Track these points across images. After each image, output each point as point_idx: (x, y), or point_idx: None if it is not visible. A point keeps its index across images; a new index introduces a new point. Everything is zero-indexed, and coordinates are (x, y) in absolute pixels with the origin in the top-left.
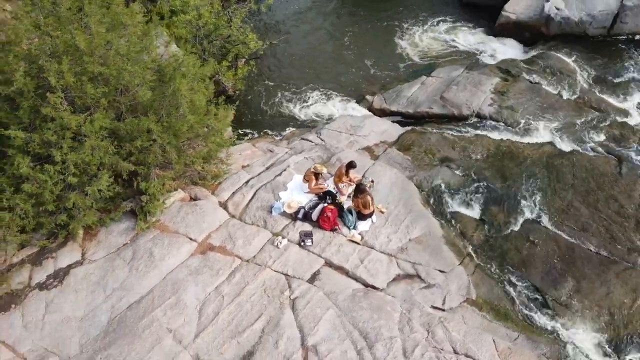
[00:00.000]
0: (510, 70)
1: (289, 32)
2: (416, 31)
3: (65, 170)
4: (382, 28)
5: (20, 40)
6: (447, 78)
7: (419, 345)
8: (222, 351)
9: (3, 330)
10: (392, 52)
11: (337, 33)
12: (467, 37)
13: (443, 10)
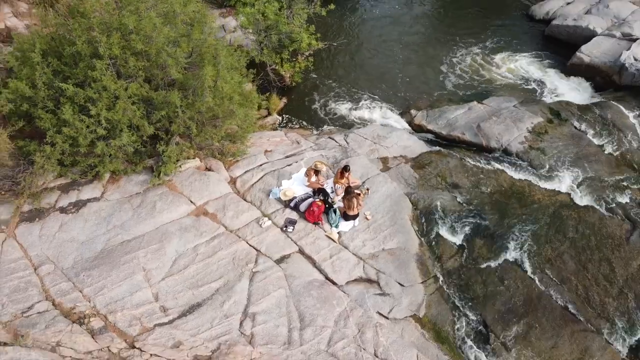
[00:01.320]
0: (560, 113)
1: (357, 36)
2: (488, 55)
3: (98, 123)
4: (454, 46)
5: (89, 13)
6: (496, 108)
7: (345, 339)
8: (177, 297)
9: (24, 235)
10: (455, 71)
11: (406, 43)
12: (536, 70)
13: (522, 39)
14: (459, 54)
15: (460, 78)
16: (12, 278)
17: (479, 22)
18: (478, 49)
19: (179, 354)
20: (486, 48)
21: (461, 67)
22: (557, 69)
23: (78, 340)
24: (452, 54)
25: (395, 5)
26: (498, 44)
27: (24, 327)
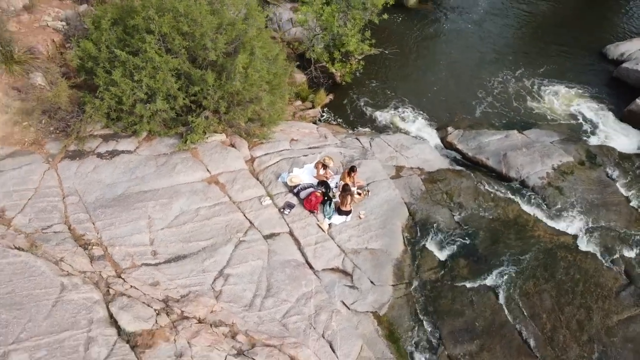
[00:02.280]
0: (596, 156)
1: (417, 47)
2: (546, 86)
3: (140, 87)
4: (513, 71)
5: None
6: (533, 140)
7: (300, 315)
8: (169, 246)
9: (63, 169)
10: (506, 97)
11: (464, 61)
12: (591, 110)
13: (587, 77)
14: (516, 80)
15: (509, 105)
16: (43, 200)
17: (546, 52)
18: (537, 78)
19: (153, 291)
20: (546, 78)
21: (514, 94)
22: (614, 113)
23: (78, 261)
24: (509, 79)
25: (468, 23)
26: (559, 77)
27: (39, 240)
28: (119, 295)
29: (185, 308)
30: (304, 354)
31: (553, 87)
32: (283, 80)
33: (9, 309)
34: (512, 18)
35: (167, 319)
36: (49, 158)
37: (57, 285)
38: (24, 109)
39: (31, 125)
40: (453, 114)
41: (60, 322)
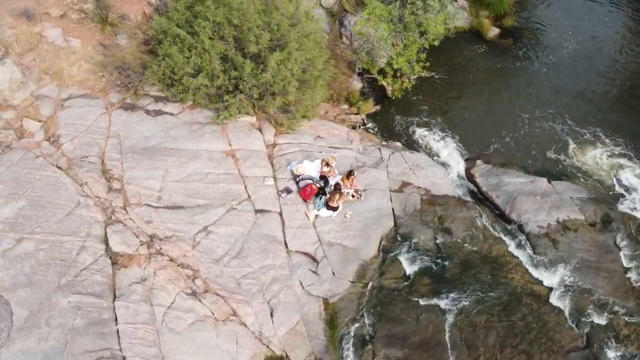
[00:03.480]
0: (611, 222)
1: (480, 76)
2: (604, 148)
3: (188, 63)
4: (575, 122)
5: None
6: (557, 192)
7: (255, 280)
8: (172, 196)
9: (115, 116)
10: (552, 144)
11: (522, 99)
12: (637, 178)
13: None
14: (569, 131)
15: (551, 152)
16: (90, 136)
17: (626, 113)
18: (593, 134)
19: (145, 226)
20: (603, 136)
21: (560, 144)
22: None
23: (97, 188)
24: (562, 128)
25: (543, 66)
26: (624, 142)
27: (75, 165)
28: (117, 222)
29: (164, 246)
30: (244, 311)
31: (610, 149)
32: (317, 82)
33: (34, 207)
34: (597, 70)
35: (147, 250)
36: (108, 105)
37: (75, 201)
38: (103, 62)
39: (104, 76)
40: (489, 148)
41: (67, 228)
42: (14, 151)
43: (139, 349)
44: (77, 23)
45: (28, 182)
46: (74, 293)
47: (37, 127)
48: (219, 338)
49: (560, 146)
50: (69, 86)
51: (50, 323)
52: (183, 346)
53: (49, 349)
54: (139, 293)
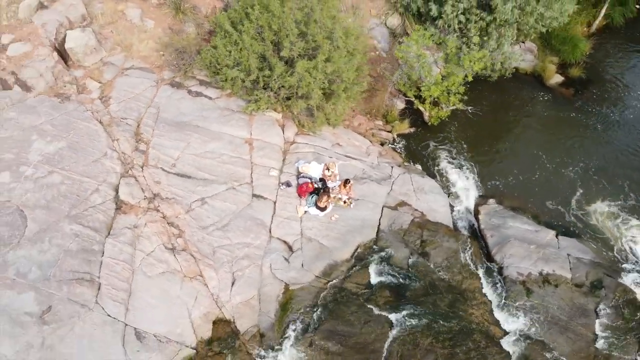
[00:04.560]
0: (601, 289)
1: (529, 118)
2: (632, 215)
3: (229, 56)
4: (616, 185)
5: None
6: (559, 247)
7: (229, 252)
8: (185, 166)
9: (161, 90)
10: (577, 203)
11: (562, 151)
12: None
13: None
14: (605, 196)
15: (578, 210)
16: (135, 103)
17: None
18: (629, 206)
19: (153, 186)
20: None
21: (589, 205)
22: None
23: (126, 145)
24: (598, 190)
25: (599, 122)
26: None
27: (114, 123)
28: (131, 176)
29: (162, 205)
30: (209, 275)
31: (636, 220)
32: (342, 93)
33: (70, 150)
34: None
35: (147, 204)
36: (159, 80)
37: (103, 152)
38: (167, 43)
39: (163, 55)
40: (507, 190)
41: (90, 171)
42: (70, 102)
43: (113, 281)
44: (156, 7)
45: (73, 128)
46: (78, 223)
47: (96, 87)
48: (182, 291)
49: (585, 205)
50: (133, 59)
51: (52, 242)
52: (150, 289)
53: (45, 261)
54: (128, 237)
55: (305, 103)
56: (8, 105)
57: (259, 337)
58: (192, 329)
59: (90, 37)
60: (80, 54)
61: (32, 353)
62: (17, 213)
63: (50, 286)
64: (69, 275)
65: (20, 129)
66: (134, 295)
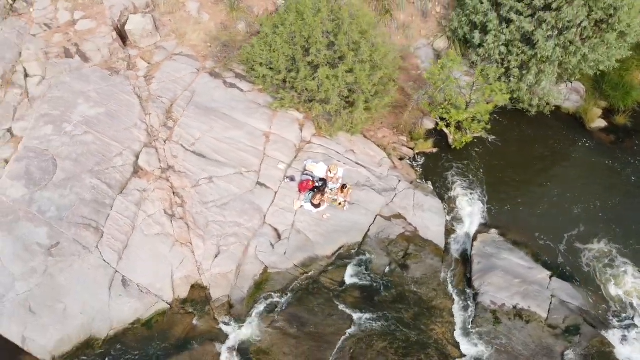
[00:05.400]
0: (577, 335)
1: (561, 160)
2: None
3: (261, 56)
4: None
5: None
6: (548, 287)
7: (220, 227)
8: (203, 146)
9: (199, 77)
10: (592, 253)
11: (584, 196)
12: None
13: None
14: (617, 250)
15: (583, 259)
16: (174, 85)
17: None
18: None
19: (170, 159)
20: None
21: (596, 256)
22: None
23: (155, 120)
24: (610, 243)
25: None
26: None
27: (150, 100)
28: (153, 147)
29: (172, 176)
30: (197, 243)
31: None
32: (361, 104)
33: (107, 116)
34: None
35: (159, 174)
36: (201, 68)
37: (134, 123)
38: (216, 36)
39: (210, 47)
40: (513, 223)
41: (119, 137)
42: (118, 76)
43: (114, 232)
44: (213, 3)
45: (114, 98)
46: (97, 178)
47: (144, 66)
48: (171, 253)
49: (593, 255)
50: (184, 46)
51: (72, 189)
52: (144, 246)
53: (63, 204)
54: (136, 197)
55: (323, 107)
56: (66, 70)
57: (228, 307)
58: (172, 288)
59: (148, 22)
60: (137, 36)
61: (35, 277)
62: (51, 161)
63: (62, 226)
64: (79, 220)
65: (70, 92)
66: (129, 248)
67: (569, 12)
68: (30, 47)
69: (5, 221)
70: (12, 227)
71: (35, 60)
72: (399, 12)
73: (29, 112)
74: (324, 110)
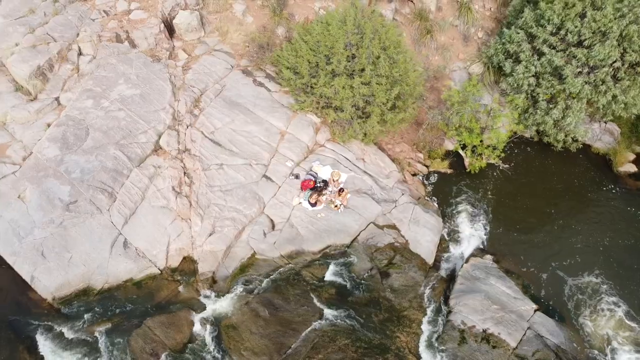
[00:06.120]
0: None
1: (577, 199)
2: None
3: (287, 60)
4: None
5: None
6: (530, 320)
7: (220, 210)
8: (221, 136)
9: (232, 74)
10: (586, 297)
11: (588, 232)
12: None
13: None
14: (613, 297)
15: (575, 302)
16: (207, 77)
17: None
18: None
19: (188, 141)
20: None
21: (589, 299)
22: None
23: (183, 107)
24: (607, 291)
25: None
26: None
27: (182, 88)
28: (175, 130)
29: (186, 158)
30: (195, 220)
31: (629, 333)
32: (374, 117)
33: (141, 97)
34: None
35: (175, 154)
36: (235, 65)
37: (164, 106)
38: (255, 38)
39: (248, 47)
40: (511, 253)
41: (146, 117)
42: (159, 64)
43: (125, 199)
44: (259, 7)
45: (151, 83)
46: (120, 150)
47: (184, 57)
48: (171, 225)
49: (586, 298)
50: (224, 43)
51: (97, 157)
52: (148, 215)
53: (87, 168)
54: (150, 172)
55: (337, 115)
56: (115, 53)
57: (212, 281)
58: (166, 256)
59: (194, 19)
60: (183, 30)
61: (51, 227)
62: (85, 130)
63: (82, 187)
64: (98, 184)
65: (114, 73)
66: (135, 215)
67: (600, 50)
68: (87, 29)
69: (37, 175)
70: (41, 181)
71: (89, 42)
72: (440, 33)
73: (76, 85)
74: (338, 117)
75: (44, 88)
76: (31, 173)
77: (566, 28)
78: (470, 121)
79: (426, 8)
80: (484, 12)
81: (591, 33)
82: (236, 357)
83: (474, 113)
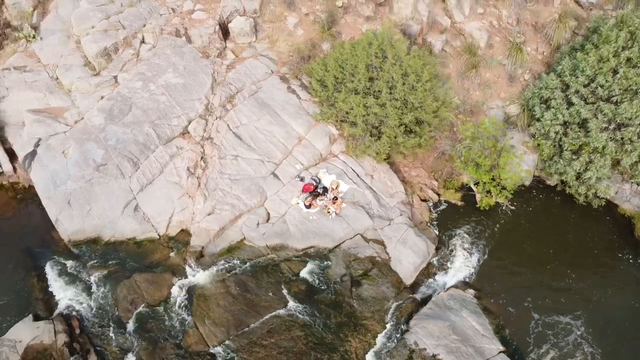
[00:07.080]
0: None
1: (580, 247)
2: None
3: (317, 72)
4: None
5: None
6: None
7: (223, 196)
8: (244, 132)
9: (271, 79)
10: (560, 332)
11: (583, 294)
12: None
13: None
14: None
15: (552, 352)
16: (246, 78)
17: None
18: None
19: (213, 130)
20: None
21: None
22: None
23: (217, 100)
24: (590, 335)
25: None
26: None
27: (221, 84)
28: (204, 119)
29: (206, 145)
30: (199, 200)
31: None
32: (386, 138)
33: (182, 86)
34: None
35: (199, 140)
36: (275, 71)
37: (200, 97)
38: (299, 50)
39: (292, 56)
40: (496, 295)
41: (183, 104)
42: (207, 60)
43: (147, 169)
44: (311, 22)
45: (195, 75)
46: (152, 129)
47: (231, 57)
48: (178, 200)
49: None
50: (271, 51)
51: (133, 131)
52: (162, 187)
53: (121, 138)
54: (172, 151)
55: (351, 129)
56: (172, 46)
57: (199, 255)
58: (167, 225)
59: (247, 25)
60: (236, 33)
61: (82, 181)
62: (128, 107)
63: (113, 153)
64: (127, 153)
65: (166, 62)
66: (151, 185)
67: (627, 109)
68: (152, 22)
69: (81, 137)
70: (84, 143)
71: (152, 33)
72: (486, 69)
73: (133, 68)
74: (352, 131)
75: (106, 66)
76: (78, 135)
77: (597, 82)
78: (479, 157)
79: (476, 44)
80: (536, 55)
81: (622, 90)
82: (199, 322)
83: (483, 149)
